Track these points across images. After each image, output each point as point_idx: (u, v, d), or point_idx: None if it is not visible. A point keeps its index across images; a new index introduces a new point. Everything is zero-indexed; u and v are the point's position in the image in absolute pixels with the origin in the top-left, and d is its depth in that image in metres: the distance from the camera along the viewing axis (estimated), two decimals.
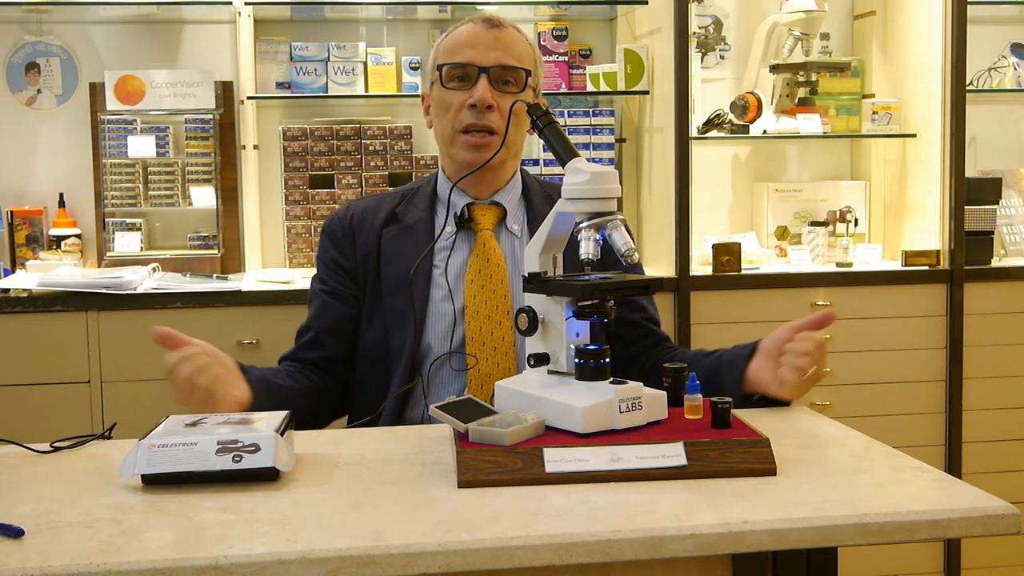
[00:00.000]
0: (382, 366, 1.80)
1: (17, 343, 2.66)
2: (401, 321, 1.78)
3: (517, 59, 1.80)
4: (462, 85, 1.80)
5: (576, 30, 3.32)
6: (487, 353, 1.75)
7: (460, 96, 1.79)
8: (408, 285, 1.77)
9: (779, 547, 1.12)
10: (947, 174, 3.02)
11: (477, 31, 1.80)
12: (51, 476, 1.35)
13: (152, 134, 3.11)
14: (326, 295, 1.86)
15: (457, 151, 1.81)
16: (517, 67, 1.79)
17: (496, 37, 1.79)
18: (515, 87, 1.80)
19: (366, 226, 1.86)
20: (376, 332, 1.81)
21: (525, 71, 1.80)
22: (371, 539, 1.08)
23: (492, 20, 1.82)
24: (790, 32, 3.16)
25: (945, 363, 3.01)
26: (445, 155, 1.87)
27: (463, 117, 1.78)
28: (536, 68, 1.85)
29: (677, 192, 2.93)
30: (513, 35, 1.82)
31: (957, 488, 1.24)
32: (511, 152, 1.84)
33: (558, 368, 1.43)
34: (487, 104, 1.76)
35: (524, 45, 1.84)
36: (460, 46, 1.80)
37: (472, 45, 1.79)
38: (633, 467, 1.26)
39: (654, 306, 1.96)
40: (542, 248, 1.49)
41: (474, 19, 1.84)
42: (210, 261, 3.10)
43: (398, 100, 3.23)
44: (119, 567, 1.02)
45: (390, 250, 1.83)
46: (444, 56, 1.82)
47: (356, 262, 1.85)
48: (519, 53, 1.81)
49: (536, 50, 1.88)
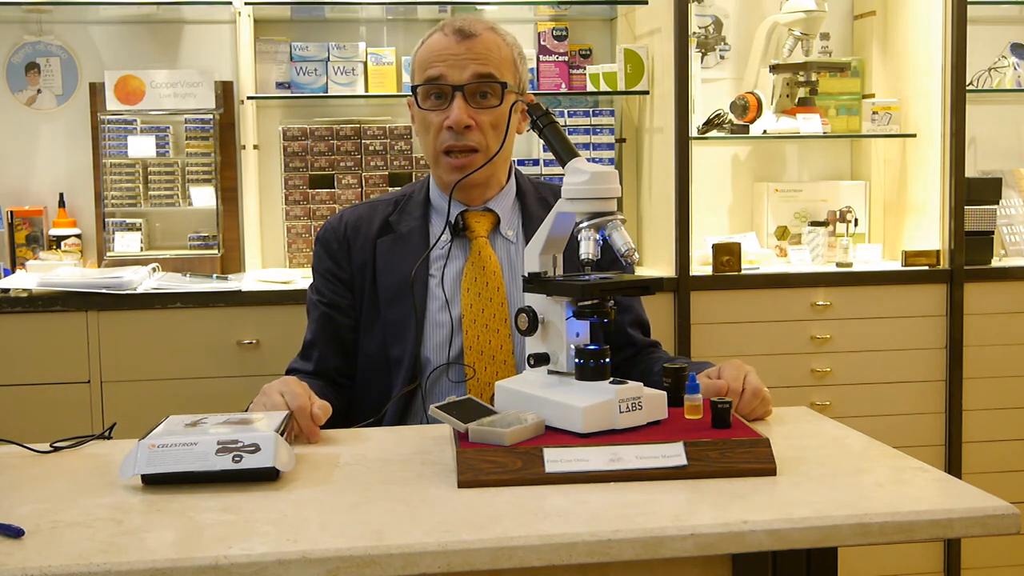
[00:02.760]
0: (381, 376, 1.78)
1: (17, 343, 2.66)
2: (400, 332, 1.77)
3: (494, 69, 1.74)
4: (438, 104, 1.75)
5: (576, 30, 3.32)
6: (485, 361, 1.73)
7: (437, 116, 1.75)
8: (407, 293, 1.75)
9: (779, 547, 1.12)
10: (947, 174, 3.02)
11: (448, 44, 1.74)
12: (51, 476, 1.35)
13: (152, 134, 3.11)
14: (324, 306, 1.85)
15: (441, 172, 1.79)
16: (494, 80, 1.74)
17: (468, 49, 1.73)
18: (494, 98, 1.75)
19: (360, 235, 1.83)
20: (374, 342, 1.80)
21: (501, 84, 1.74)
22: (371, 539, 1.08)
23: (463, 30, 1.75)
24: (790, 32, 3.16)
25: (945, 363, 3.01)
26: (433, 171, 1.85)
27: (443, 138, 1.75)
28: (516, 70, 1.79)
29: (677, 192, 2.92)
30: (487, 41, 1.75)
31: (957, 488, 1.24)
32: (498, 163, 1.80)
33: (558, 368, 1.43)
34: (464, 125, 1.72)
35: (500, 49, 1.76)
36: (431, 62, 1.75)
37: (443, 60, 1.74)
38: (633, 467, 1.27)
39: (642, 307, 1.93)
40: (542, 248, 1.49)
41: (446, 28, 1.77)
42: (210, 261, 3.10)
43: (398, 100, 3.22)
44: (119, 567, 1.02)
45: (385, 260, 1.81)
46: (418, 73, 1.78)
47: (352, 272, 1.83)
48: (495, 61, 1.75)
49: (515, 47, 1.81)
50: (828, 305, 2.95)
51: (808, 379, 2.96)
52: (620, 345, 1.84)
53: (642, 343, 1.89)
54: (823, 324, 2.96)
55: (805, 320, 2.95)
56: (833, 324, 2.97)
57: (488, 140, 1.76)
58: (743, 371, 1.56)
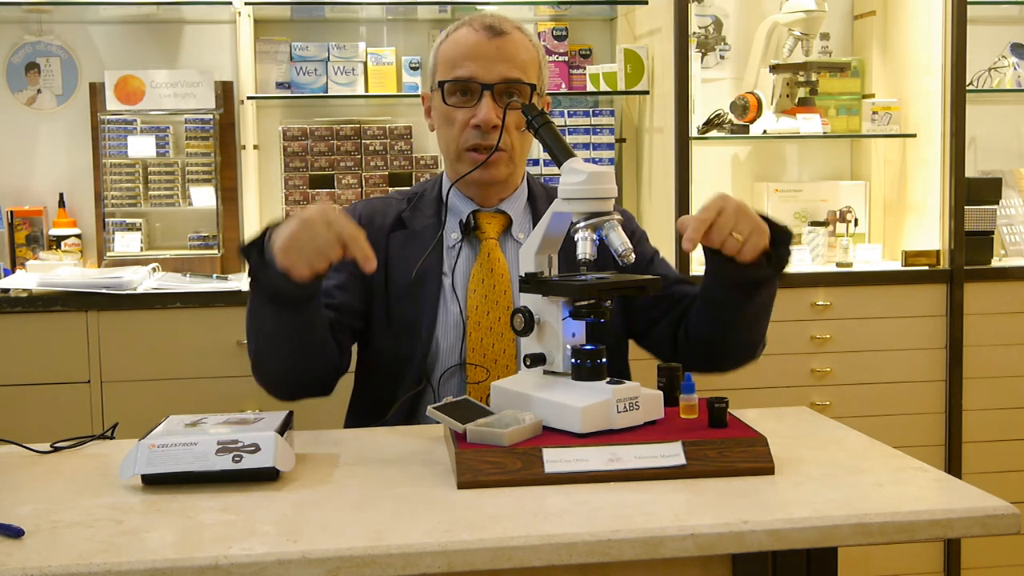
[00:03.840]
0: (390, 374, 1.75)
1: (17, 343, 2.66)
2: (410, 330, 1.74)
3: (522, 70, 1.73)
4: (465, 101, 1.74)
5: (576, 30, 3.32)
6: (488, 364, 1.72)
7: (463, 113, 1.73)
8: (419, 291, 1.74)
9: (779, 547, 1.12)
10: (947, 174, 3.02)
11: (479, 41, 1.72)
12: (51, 476, 1.35)
13: (152, 134, 3.11)
14: (329, 308, 1.74)
15: (463, 167, 1.76)
16: (523, 82, 1.73)
17: (499, 48, 1.72)
18: (521, 99, 1.72)
19: (374, 227, 1.79)
20: (385, 339, 1.77)
21: (530, 85, 1.73)
22: (371, 539, 1.08)
23: (494, 27, 1.73)
24: (790, 32, 3.16)
25: (945, 363, 3.01)
26: (451, 167, 1.82)
27: (468, 136, 1.73)
28: (541, 71, 1.79)
29: (677, 192, 2.92)
30: (517, 41, 1.74)
31: (957, 488, 1.24)
32: (519, 162, 1.80)
33: (554, 368, 1.43)
34: (492, 125, 1.71)
35: (528, 50, 1.76)
36: (461, 58, 1.73)
37: (474, 57, 1.72)
38: (632, 467, 1.27)
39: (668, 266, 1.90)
40: (538, 248, 1.49)
41: (474, 23, 1.75)
42: (210, 261, 3.10)
43: (398, 100, 3.23)
44: (119, 567, 1.02)
45: (398, 255, 1.78)
46: (445, 68, 1.75)
47: None
48: (524, 62, 1.74)
49: (540, 48, 1.80)
50: (828, 305, 2.95)
51: (808, 379, 2.96)
52: (668, 306, 1.79)
53: (679, 292, 1.82)
54: (823, 324, 2.96)
55: (805, 320, 2.95)
56: (833, 324, 2.97)
57: (513, 140, 1.75)
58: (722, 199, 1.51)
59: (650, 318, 1.80)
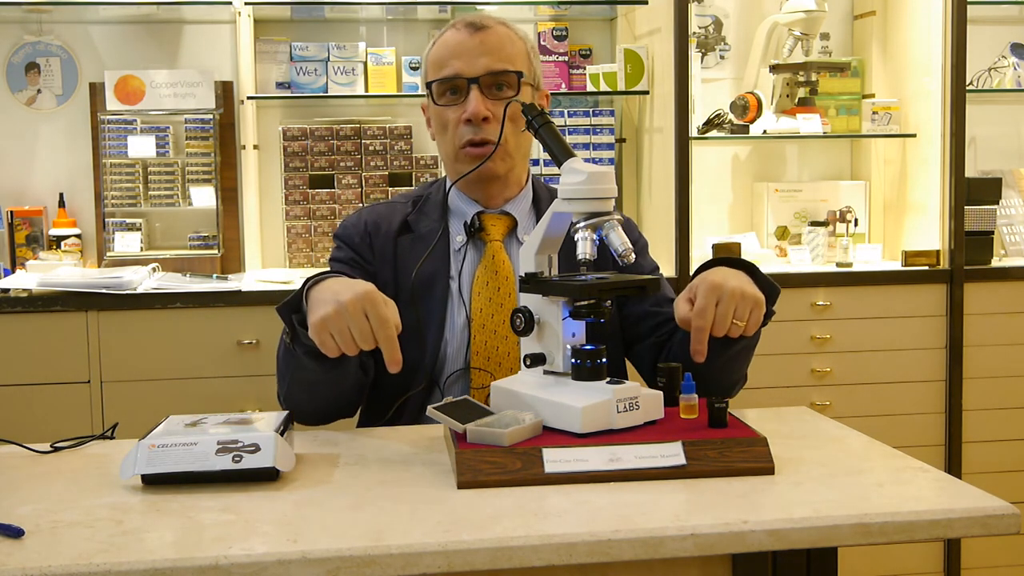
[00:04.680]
0: (399, 379, 1.71)
1: (17, 343, 2.66)
2: (417, 333, 1.74)
3: (507, 61, 1.74)
4: (454, 99, 1.75)
5: (576, 30, 3.32)
6: (492, 367, 1.72)
7: (455, 112, 1.74)
8: (425, 295, 1.74)
9: (779, 547, 1.12)
10: (947, 174, 3.02)
11: (460, 39, 1.74)
12: (51, 476, 1.35)
13: (152, 134, 3.11)
14: None
15: (462, 167, 1.76)
16: (508, 70, 1.73)
17: (481, 42, 1.73)
18: (510, 90, 1.74)
19: (381, 232, 1.80)
20: None
21: (517, 73, 1.74)
22: (371, 539, 1.08)
23: (475, 23, 1.75)
24: (790, 32, 3.16)
25: (945, 363, 3.01)
26: (451, 168, 1.82)
27: (461, 133, 1.74)
28: (531, 62, 1.79)
29: (677, 192, 2.93)
30: (500, 35, 1.75)
31: (957, 488, 1.24)
32: (517, 157, 1.79)
33: (554, 368, 1.43)
34: (482, 117, 1.71)
35: (513, 42, 1.76)
36: (446, 58, 1.74)
37: (458, 55, 1.73)
38: (632, 467, 1.27)
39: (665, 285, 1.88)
40: (538, 248, 1.49)
41: (457, 24, 1.77)
42: (210, 261, 3.10)
43: (398, 100, 3.23)
44: (119, 567, 1.02)
45: (405, 259, 1.78)
46: (432, 71, 1.77)
47: (376, 264, 1.79)
48: (508, 54, 1.74)
49: (528, 41, 1.80)
50: (828, 305, 2.95)
51: (808, 379, 2.96)
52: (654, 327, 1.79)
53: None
54: (823, 324, 2.96)
55: (805, 320, 2.95)
56: (833, 324, 2.97)
57: (507, 134, 1.74)
58: (710, 288, 1.49)
59: (636, 333, 1.80)
